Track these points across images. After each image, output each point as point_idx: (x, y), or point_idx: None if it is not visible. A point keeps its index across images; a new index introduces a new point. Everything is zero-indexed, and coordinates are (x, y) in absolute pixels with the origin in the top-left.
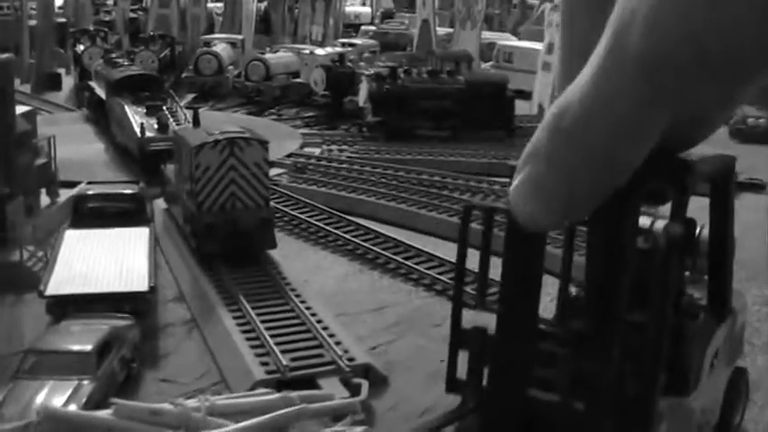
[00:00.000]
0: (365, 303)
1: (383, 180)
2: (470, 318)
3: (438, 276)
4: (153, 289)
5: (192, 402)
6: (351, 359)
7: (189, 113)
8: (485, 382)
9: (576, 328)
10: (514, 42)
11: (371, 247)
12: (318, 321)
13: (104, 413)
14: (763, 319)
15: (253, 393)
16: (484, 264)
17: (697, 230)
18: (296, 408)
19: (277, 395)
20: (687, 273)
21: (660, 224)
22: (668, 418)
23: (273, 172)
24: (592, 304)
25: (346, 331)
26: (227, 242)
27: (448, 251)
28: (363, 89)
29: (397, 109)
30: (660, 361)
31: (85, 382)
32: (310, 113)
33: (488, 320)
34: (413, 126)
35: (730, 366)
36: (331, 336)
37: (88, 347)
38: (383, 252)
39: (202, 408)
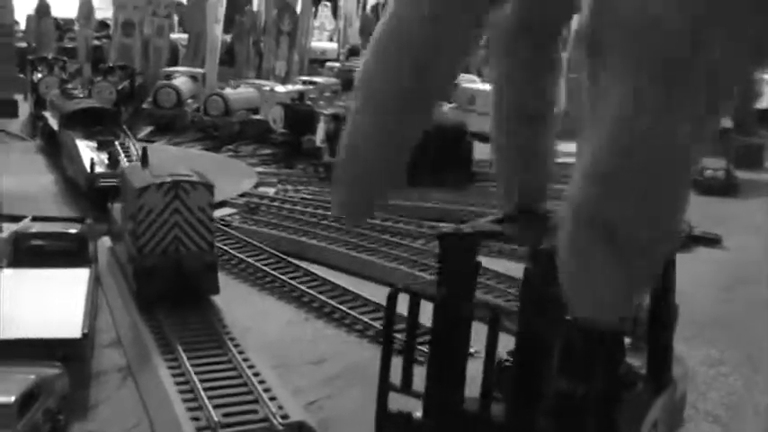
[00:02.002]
0: (307, 354)
1: (335, 224)
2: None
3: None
4: (86, 336)
5: None
6: (284, 416)
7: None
8: None
9: (496, 413)
10: (477, 85)
11: (317, 295)
12: (255, 374)
13: None
14: (709, 381)
15: None
16: (409, 349)
17: None
18: None
19: None
20: (628, 340)
21: None
22: None
23: (225, 212)
24: (516, 381)
25: (283, 385)
26: (168, 286)
27: (398, 302)
28: (321, 129)
29: None
30: None
31: None
32: (268, 151)
33: (415, 404)
34: None
35: None
36: (266, 390)
37: (10, 399)
38: (329, 301)
39: None
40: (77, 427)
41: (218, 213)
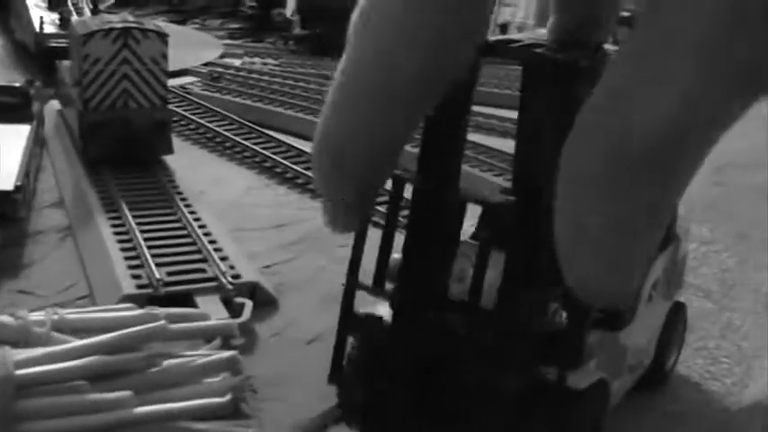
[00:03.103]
0: (265, 219)
1: (303, 93)
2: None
3: None
4: (19, 188)
5: (36, 315)
6: (236, 276)
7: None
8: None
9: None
10: None
11: (280, 160)
12: (206, 234)
13: None
14: (699, 258)
15: (110, 308)
16: (387, 240)
17: None
18: (153, 325)
19: (139, 311)
20: None
21: None
22: (598, 355)
23: (186, 80)
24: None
25: (238, 248)
26: (116, 144)
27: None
28: (291, 1)
29: (325, 22)
30: None
31: None
32: (236, 25)
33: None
34: (341, 40)
35: (669, 300)
36: (217, 250)
37: None
38: (292, 166)
39: (47, 322)
40: (7, 285)
41: (177, 82)
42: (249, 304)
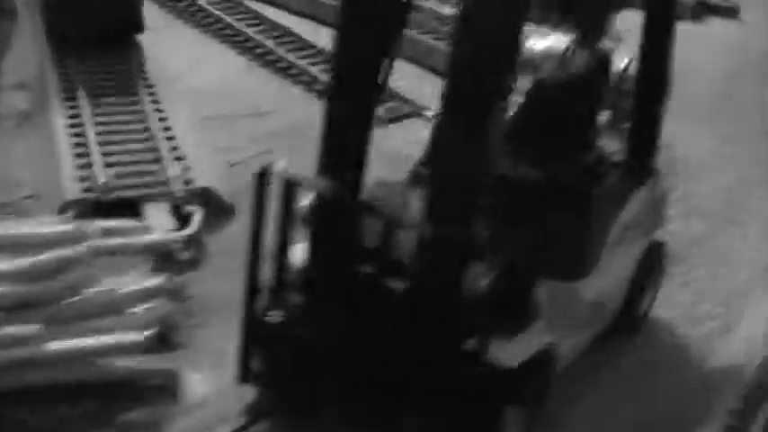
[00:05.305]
0: (242, 107)
1: None
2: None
3: None
4: None
5: None
6: (188, 181)
7: None
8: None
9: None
10: None
11: (264, 41)
12: (166, 129)
13: None
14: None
15: (37, 222)
16: (282, 246)
17: (623, 63)
18: (74, 251)
19: (67, 227)
20: (603, 118)
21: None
22: (546, 314)
23: None
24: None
25: (203, 141)
26: (81, 20)
27: None
28: None
29: None
30: (543, 247)
31: None
32: None
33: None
34: None
35: (645, 240)
36: (174, 149)
37: None
38: (276, 48)
39: None
40: None
41: None
42: (199, 214)
